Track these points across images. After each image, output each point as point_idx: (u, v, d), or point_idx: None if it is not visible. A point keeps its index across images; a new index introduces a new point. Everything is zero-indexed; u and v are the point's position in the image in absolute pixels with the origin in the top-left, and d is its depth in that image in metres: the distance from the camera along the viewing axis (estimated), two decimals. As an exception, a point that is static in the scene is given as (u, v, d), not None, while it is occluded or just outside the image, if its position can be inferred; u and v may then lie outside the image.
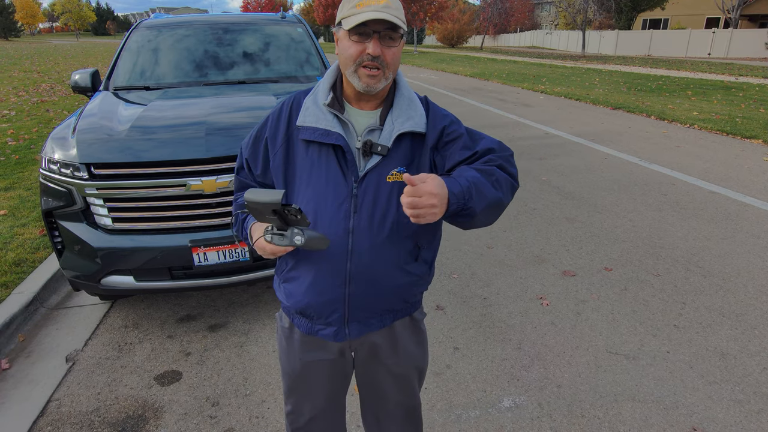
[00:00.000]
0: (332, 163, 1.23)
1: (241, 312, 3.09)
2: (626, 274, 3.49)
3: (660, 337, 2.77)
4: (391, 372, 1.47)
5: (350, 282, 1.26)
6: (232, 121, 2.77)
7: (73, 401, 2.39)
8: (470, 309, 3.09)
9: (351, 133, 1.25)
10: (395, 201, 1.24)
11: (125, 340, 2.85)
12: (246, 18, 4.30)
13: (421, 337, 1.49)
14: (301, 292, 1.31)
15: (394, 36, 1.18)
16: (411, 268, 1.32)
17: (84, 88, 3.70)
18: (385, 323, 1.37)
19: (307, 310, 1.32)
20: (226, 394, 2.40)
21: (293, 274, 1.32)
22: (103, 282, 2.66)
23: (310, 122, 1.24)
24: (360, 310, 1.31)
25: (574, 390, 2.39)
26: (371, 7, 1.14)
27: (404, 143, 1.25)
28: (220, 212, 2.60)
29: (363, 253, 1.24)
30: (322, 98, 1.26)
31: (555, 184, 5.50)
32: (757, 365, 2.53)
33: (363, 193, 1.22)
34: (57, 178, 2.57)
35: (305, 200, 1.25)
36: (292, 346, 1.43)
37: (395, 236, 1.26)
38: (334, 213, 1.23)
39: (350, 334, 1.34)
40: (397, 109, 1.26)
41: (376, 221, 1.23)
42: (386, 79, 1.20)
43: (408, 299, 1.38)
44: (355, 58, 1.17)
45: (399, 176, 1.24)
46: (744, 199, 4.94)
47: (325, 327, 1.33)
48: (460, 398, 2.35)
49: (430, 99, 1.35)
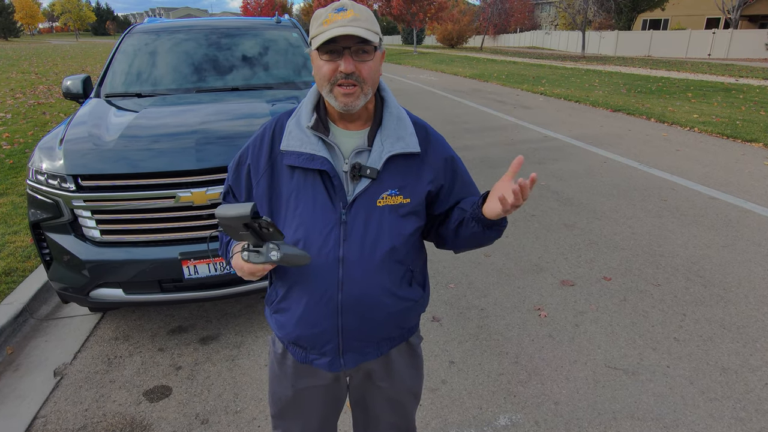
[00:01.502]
0: (319, 188, 1.17)
1: (233, 324, 3.04)
2: (625, 284, 3.44)
3: (660, 351, 2.72)
4: (385, 395, 1.43)
5: (342, 312, 1.21)
6: (224, 131, 2.72)
7: (60, 418, 2.33)
8: (467, 321, 3.04)
9: (338, 156, 1.19)
10: (387, 226, 1.19)
11: (115, 353, 2.80)
12: (240, 23, 4.24)
13: (416, 361, 1.45)
14: (292, 324, 1.26)
15: (368, 49, 1.11)
16: (405, 294, 1.27)
17: (75, 94, 3.65)
18: (383, 351, 1.33)
19: (300, 341, 1.28)
20: (215, 411, 2.35)
21: (283, 305, 1.27)
22: (91, 295, 2.61)
23: (294, 146, 1.18)
24: (355, 341, 1.26)
25: (572, 407, 2.33)
26: (338, 23, 1.07)
27: (395, 165, 1.20)
28: (210, 224, 2.55)
29: (355, 282, 1.18)
30: (306, 120, 1.20)
31: (554, 189, 5.45)
32: (759, 380, 2.48)
33: (353, 219, 1.17)
34: (44, 189, 2.52)
35: (293, 229, 1.19)
36: (285, 372, 1.38)
37: (387, 262, 1.20)
38: (323, 242, 1.17)
39: (346, 365, 1.29)
40: (386, 129, 1.20)
41: (367, 248, 1.18)
42: (365, 95, 1.14)
43: (404, 325, 1.33)
44: (329, 77, 1.11)
45: (391, 199, 1.19)
46: (745, 204, 4.88)
47: (320, 357, 1.29)
48: (455, 416, 2.30)
49: (429, 125, 1.32)
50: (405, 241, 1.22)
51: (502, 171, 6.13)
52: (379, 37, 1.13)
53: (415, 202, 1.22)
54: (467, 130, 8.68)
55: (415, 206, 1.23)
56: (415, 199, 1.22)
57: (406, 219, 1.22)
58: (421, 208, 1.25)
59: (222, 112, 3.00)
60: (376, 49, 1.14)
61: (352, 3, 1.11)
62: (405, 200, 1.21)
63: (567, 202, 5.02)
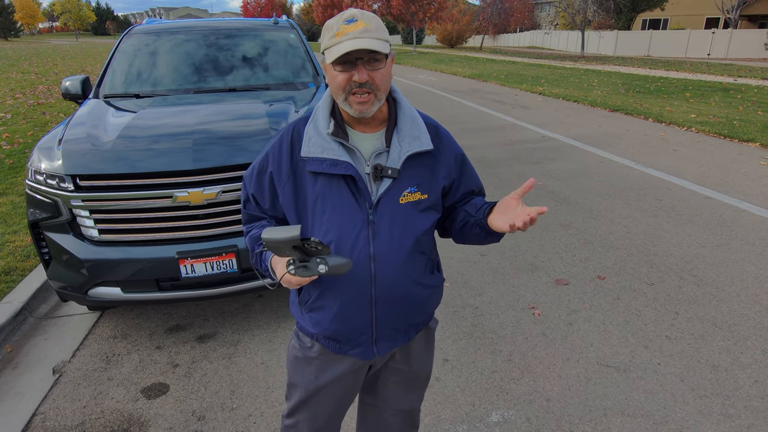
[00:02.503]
0: (344, 192, 1.23)
1: (230, 322, 3.07)
2: (619, 283, 3.47)
3: (651, 349, 2.75)
4: (401, 377, 1.51)
5: (376, 305, 1.29)
6: (221, 131, 2.75)
7: (59, 415, 2.37)
8: (461, 319, 3.07)
9: (359, 159, 1.24)
10: (410, 221, 1.26)
11: (113, 351, 2.83)
12: (238, 24, 4.27)
13: (432, 343, 1.55)
14: (328, 320, 1.32)
15: (379, 57, 1.15)
16: (429, 281, 1.36)
17: (74, 95, 3.68)
18: (410, 336, 1.41)
19: (336, 335, 1.34)
20: (212, 408, 2.38)
21: (319, 303, 1.32)
22: (90, 293, 2.64)
23: (315, 153, 1.22)
24: (387, 330, 1.34)
25: (564, 404, 2.36)
26: (349, 35, 1.11)
27: (413, 162, 1.26)
28: (207, 224, 2.58)
29: (386, 276, 1.26)
30: (324, 126, 1.24)
31: (551, 189, 5.48)
32: (749, 378, 2.51)
33: (379, 218, 1.23)
34: (43, 189, 2.55)
35: (322, 232, 1.25)
36: (310, 365, 1.43)
37: (413, 255, 1.28)
38: (353, 242, 1.23)
39: (378, 352, 1.37)
40: (402, 130, 1.26)
41: (395, 244, 1.25)
42: (379, 101, 1.19)
43: (428, 311, 1.42)
44: (344, 87, 1.16)
45: (411, 196, 1.26)
46: (740, 204, 4.91)
47: (354, 347, 1.36)
48: (448, 412, 2.33)
49: (439, 124, 1.39)
50: (425, 234, 1.30)
51: (500, 171, 6.16)
52: (389, 44, 1.18)
53: (433, 197, 1.30)
54: (466, 130, 8.71)
55: (433, 201, 1.30)
56: (432, 194, 1.29)
57: (425, 213, 1.29)
58: (437, 202, 1.33)
59: (219, 112, 3.03)
60: (387, 56, 1.18)
61: (362, 13, 1.15)
62: (423, 196, 1.27)
63: (563, 202, 5.05)
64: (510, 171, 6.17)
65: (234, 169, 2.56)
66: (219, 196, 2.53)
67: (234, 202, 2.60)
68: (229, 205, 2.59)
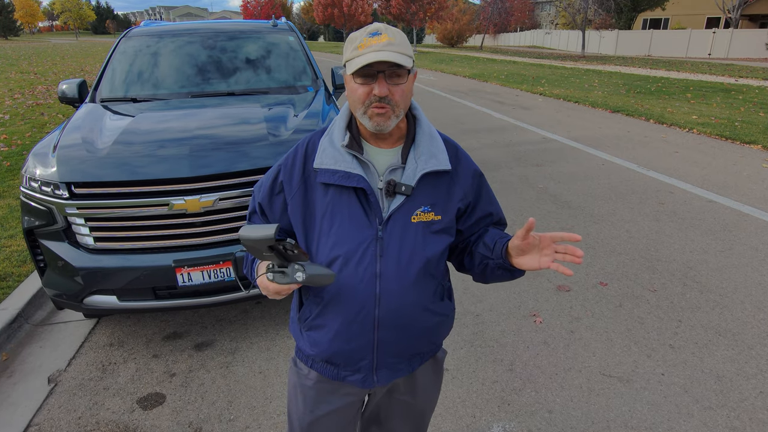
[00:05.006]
0: (354, 205, 1.19)
1: (228, 330, 3.03)
2: (621, 290, 3.43)
3: (655, 358, 2.71)
4: (405, 409, 1.46)
5: (379, 327, 1.23)
6: (219, 137, 2.71)
7: (53, 426, 2.33)
8: (462, 327, 3.03)
9: (372, 174, 1.20)
10: (422, 241, 1.21)
11: (109, 360, 2.79)
12: (237, 26, 4.23)
13: (440, 376, 1.49)
14: (327, 340, 1.26)
15: (401, 72, 1.12)
16: (438, 308, 1.30)
17: (71, 98, 3.64)
18: (414, 367, 1.35)
19: (334, 358, 1.28)
20: (209, 419, 2.34)
21: (318, 321, 1.27)
22: (85, 301, 2.60)
23: (328, 164, 1.18)
24: (389, 356, 1.28)
25: (566, 415, 2.33)
26: (373, 47, 1.09)
27: (428, 181, 1.22)
28: (204, 231, 2.54)
29: (391, 297, 1.20)
30: (339, 139, 1.21)
31: (552, 192, 5.44)
32: (754, 389, 2.48)
33: (389, 235, 1.19)
34: (37, 196, 2.51)
35: (329, 246, 1.20)
36: (306, 396, 1.37)
37: (422, 277, 1.23)
38: (360, 257, 1.18)
39: (378, 381, 1.31)
40: (419, 147, 1.22)
41: (403, 263, 1.20)
42: (397, 117, 1.16)
43: (436, 340, 1.36)
44: (363, 100, 1.13)
45: (424, 216, 1.21)
46: (742, 208, 4.87)
47: (353, 374, 1.30)
48: (448, 424, 2.29)
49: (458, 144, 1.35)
50: (438, 257, 1.25)
51: (501, 173, 6.12)
52: (412, 59, 1.15)
53: (447, 219, 1.25)
54: (466, 131, 8.67)
55: (447, 223, 1.25)
56: (446, 216, 1.24)
57: (438, 236, 1.24)
58: (452, 225, 1.27)
59: (217, 118, 2.99)
60: (409, 71, 1.15)
61: (386, 27, 1.12)
62: (436, 217, 1.23)
63: (565, 205, 5.01)
64: (510, 173, 6.14)
65: (232, 176, 2.52)
66: (216, 204, 2.49)
67: (231, 210, 2.56)
68: (226, 213, 2.55)
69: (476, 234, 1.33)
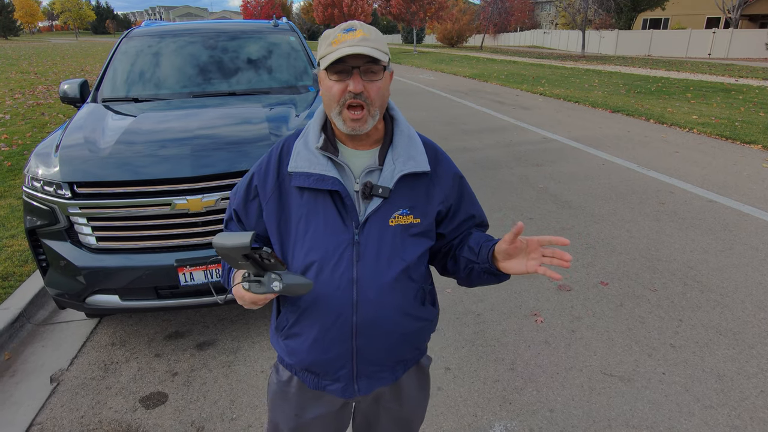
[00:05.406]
0: (330, 209, 1.15)
1: (230, 329, 3.04)
2: (622, 289, 3.44)
3: (655, 357, 2.72)
4: (393, 417, 1.42)
5: (357, 335, 1.19)
6: (220, 137, 2.72)
7: (56, 425, 2.34)
8: (463, 326, 3.04)
9: (348, 176, 1.17)
10: (400, 245, 1.18)
11: (111, 359, 2.80)
12: (238, 26, 4.23)
13: (426, 383, 1.45)
14: (304, 349, 1.23)
15: (376, 69, 1.10)
16: (420, 313, 1.26)
17: (73, 98, 3.65)
18: (397, 375, 1.31)
19: (313, 367, 1.25)
20: (211, 418, 2.35)
21: (295, 330, 1.24)
22: (88, 301, 2.61)
23: (302, 167, 1.15)
24: (369, 364, 1.24)
25: (567, 414, 2.34)
26: (347, 42, 1.06)
27: (407, 184, 1.18)
28: (206, 231, 2.55)
29: (369, 302, 1.16)
30: (314, 141, 1.18)
31: (552, 192, 5.44)
32: (755, 388, 2.48)
33: (365, 239, 1.15)
34: (40, 196, 2.52)
35: (304, 251, 1.17)
36: (289, 402, 1.34)
37: (401, 282, 1.19)
38: (336, 263, 1.15)
39: (360, 390, 1.27)
40: (397, 148, 1.19)
41: (381, 268, 1.16)
42: (373, 118, 1.12)
43: (418, 346, 1.32)
44: (338, 98, 1.10)
45: (403, 219, 1.18)
46: (742, 208, 4.88)
47: (333, 383, 1.26)
48: (450, 423, 2.30)
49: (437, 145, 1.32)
50: (417, 260, 1.21)
51: (501, 173, 6.13)
52: (388, 56, 1.12)
53: (426, 222, 1.22)
54: (466, 131, 8.68)
55: (426, 226, 1.22)
56: (425, 219, 1.21)
57: (417, 239, 1.21)
58: (431, 228, 1.24)
59: (219, 117, 2.99)
60: (385, 69, 1.13)
61: (361, 24, 1.11)
62: (416, 220, 1.20)
63: (565, 205, 5.02)
64: (511, 173, 6.14)
65: (234, 176, 2.53)
66: (218, 204, 2.50)
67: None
68: (228, 213, 2.55)
69: (459, 237, 1.30)
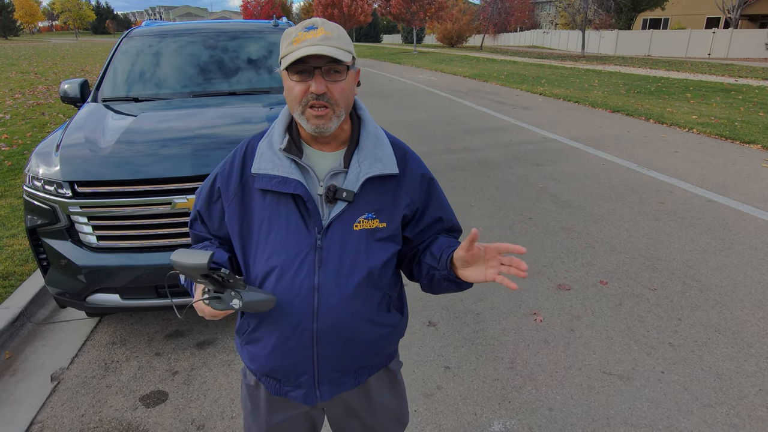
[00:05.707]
0: (292, 213, 1.12)
1: (230, 328, 3.05)
2: (621, 288, 3.45)
3: (654, 356, 2.73)
4: (365, 426, 1.38)
5: (318, 342, 1.16)
6: (221, 136, 2.73)
7: (57, 423, 2.34)
8: (463, 325, 3.05)
9: (312, 179, 1.14)
10: (365, 250, 1.14)
11: (112, 358, 2.81)
12: (238, 26, 4.24)
13: (398, 389, 1.41)
14: (264, 355, 1.20)
15: (339, 69, 1.06)
16: (383, 320, 1.22)
17: (73, 98, 3.66)
18: (360, 380, 1.28)
19: (273, 373, 1.23)
20: (211, 417, 2.36)
21: (255, 335, 1.21)
22: (88, 300, 2.62)
23: (266, 169, 1.12)
24: (331, 371, 1.21)
25: (566, 413, 2.34)
26: (307, 42, 1.02)
27: (372, 187, 1.15)
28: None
29: (331, 309, 1.13)
30: (278, 142, 1.15)
31: (552, 191, 5.45)
32: (753, 386, 2.49)
33: (328, 244, 1.12)
34: (41, 195, 2.52)
35: (266, 255, 1.14)
36: (258, 406, 1.33)
37: (365, 288, 1.15)
38: (297, 269, 1.12)
39: (322, 396, 1.24)
40: (363, 150, 1.15)
41: (343, 274, 1.13)
42: (338, 118, 1.09)
43: (382, 353, 1.28)
44: (300, 99, 1.06)
45: (368, 223, 1.14)
46: (742, 207, 4.89)
47: (295, 389, 1.24)
48: (449, 421, 2.31)
49: (407, 145, 1.28)
50: (382, 266, 1.18)
51: (501, 173, 6.14)
52: (351, 55, 1.08)
53: (392, 226, 1.18)
54: (466, 131, 8.68)
55: (393, 231, 1.19)
56: (391, 224, 1.18)
57: (382, 244, 1.17)
58: (397, 232, 1.21)
59: (219, 117, 3.00)
60: (349, 68, 1.09)
61: (323, 21, 1.07)
62: (381, 224, 1.16)
63: (565, 205, 5.03)
64: (510, 173, 6.15)
65: (234, 175, 2.53)
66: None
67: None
68: (228, 212, 2.56)
69: (425, 242, 1.26)
